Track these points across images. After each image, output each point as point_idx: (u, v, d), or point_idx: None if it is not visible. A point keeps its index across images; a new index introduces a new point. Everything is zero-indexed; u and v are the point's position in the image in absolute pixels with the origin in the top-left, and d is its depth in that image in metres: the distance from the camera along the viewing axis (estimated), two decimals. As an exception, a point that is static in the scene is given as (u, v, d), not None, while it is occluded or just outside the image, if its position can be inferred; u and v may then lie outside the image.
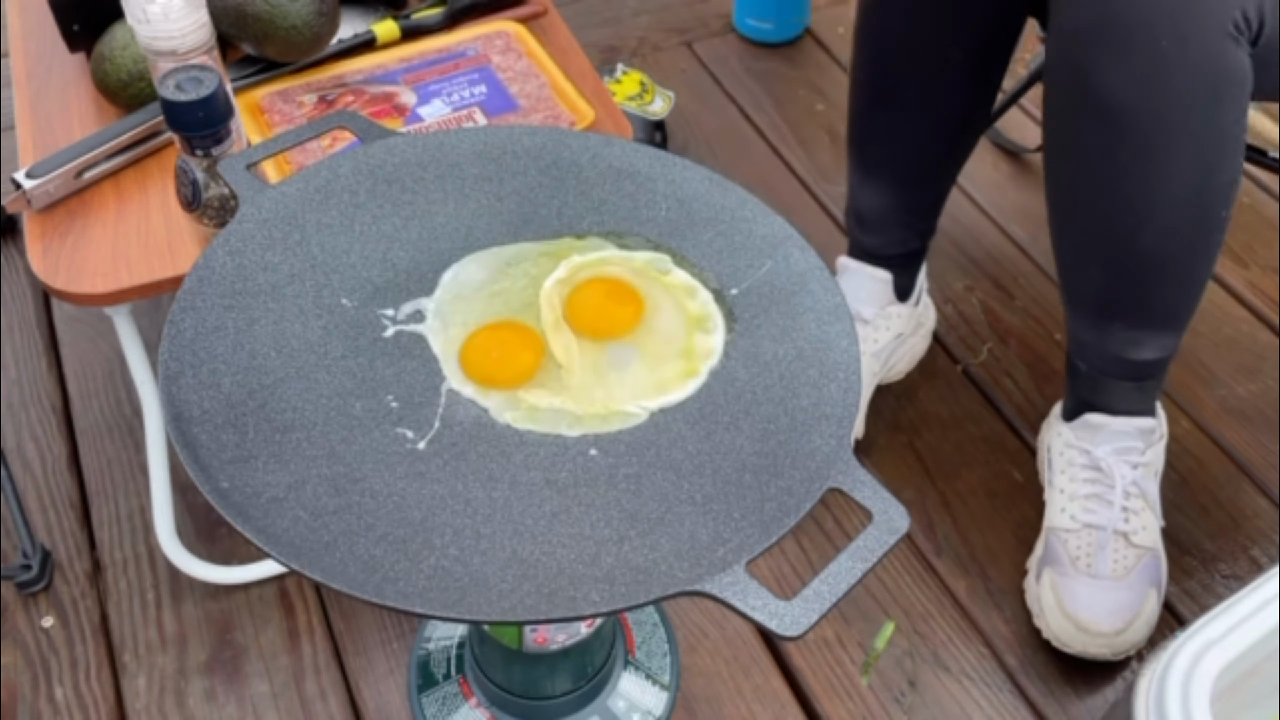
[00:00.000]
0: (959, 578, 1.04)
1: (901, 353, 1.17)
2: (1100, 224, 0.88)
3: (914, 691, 0.97)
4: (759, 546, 0.51)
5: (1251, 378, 1.20)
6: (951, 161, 1.07)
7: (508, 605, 0.51)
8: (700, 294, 0.67)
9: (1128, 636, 0.95)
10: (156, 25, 0.75)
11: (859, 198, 1.11)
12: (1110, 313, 0.94)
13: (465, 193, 0.71)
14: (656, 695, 0.92)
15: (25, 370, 1.21)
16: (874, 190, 1.08)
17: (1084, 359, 0.99)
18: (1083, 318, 0.96)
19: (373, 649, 0.98)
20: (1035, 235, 1.35)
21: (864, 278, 1.13)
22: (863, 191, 1.10)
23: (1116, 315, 0.93)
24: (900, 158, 1.06)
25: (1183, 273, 0.90)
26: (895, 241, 1.11)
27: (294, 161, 0.88)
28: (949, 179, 1.09)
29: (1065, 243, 0.93)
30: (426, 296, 0.66)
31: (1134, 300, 0.92)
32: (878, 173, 1.07)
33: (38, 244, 0.85)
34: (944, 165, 1.07)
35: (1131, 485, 0.98)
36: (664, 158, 0.72)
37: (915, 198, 1.09)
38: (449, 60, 0.99)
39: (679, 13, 1.69)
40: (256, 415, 0.58)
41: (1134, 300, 0.92)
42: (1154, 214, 0.85)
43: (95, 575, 1.04)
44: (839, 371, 0.61)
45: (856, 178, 1.10)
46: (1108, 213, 0.87)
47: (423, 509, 0.56)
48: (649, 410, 0.62)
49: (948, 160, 1.07)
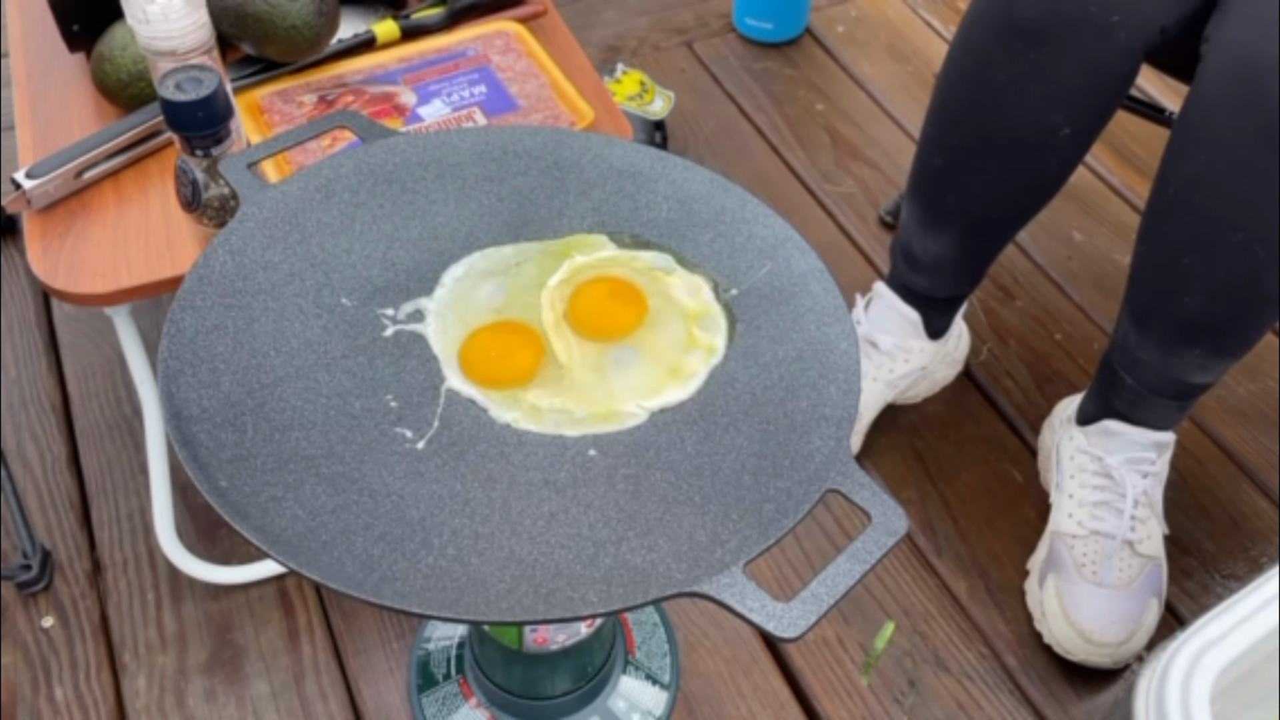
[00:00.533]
0: (959, 578, 1.04)
1: (922, 382, 1.15)
2: (1230, 257, 0.83)
3: (914, 691, 0.97)
4: (757, 548, 0.51)
5: (1251, 378, 1.20)
6: (1028, 218, 1.02)
7: (506, 605, 0.51)
8: (702, 294, 0.67)
9: (1130, 646, 0.95)
10: (156, 25, 0.75)
11: (917, 242, 1.05)
12: (1192, 340, 0.90)
13: (466, 193, 0.71)
14: (656, 695, 0.92)
15: (25, 370, 1.21)
16: (936, 240, 1.03)
17: (1134, 374, 0.95)
18: (1154, 338, 0.92)
19: (373, 649, 0.98)
20: (1035, 235, 1.35)
21: (893, 311, 1.10)
22: (922, 238, 1.04)
23: (1197, 343, 0.90)
24: (974, 214, 1.00)
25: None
26: (946, 286, 1.08)
27: (294, 161, 0.88)
28: (1017, 232, 1.04)
29: (1168, 267, 0.88)
30: (426, 296, 0.66)
31: (1225, 332, 0.89)
32: (946, 226, 1.02)
33: (38, 244, 0.85)
34: (1018, 223, 1.02)
35: (1141, 495, 0.98)
36: (664, 158, 0.72)
37: (978, 250, 1.04)
38: (449, 60, 0.99)
39: (679, 13, 1.69)
40: (256, 414, 0.58)
41: (1225, 332, 0.89)
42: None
43: (95, 575, 1.04)
44: (838, 373, 0.60)
45: (919, 225, 1.04)
46: (1245, 247, 0.82)
47: (421, 508, 0.56)
48: (648, 410, 0.62)
49: (1024, 218, 1.01)
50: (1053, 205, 1.37)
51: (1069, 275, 1.31)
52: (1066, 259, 1.33)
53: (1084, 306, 1.28)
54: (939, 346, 1.13)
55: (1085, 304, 1.28)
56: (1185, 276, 0.87)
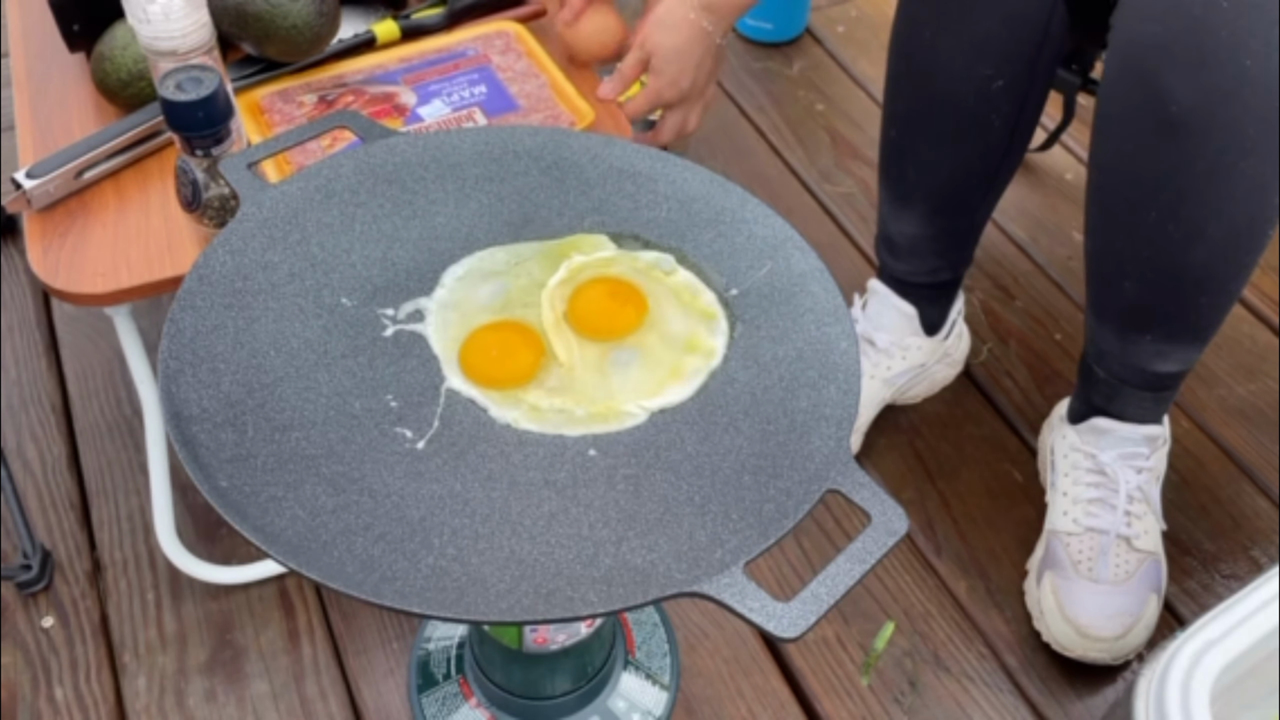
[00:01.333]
0: (959, 578, 1.04)
1: (922, 382, 1.16)
2: (1148, 238, 0.86)
3: (914, 691, 0.97)
4: (757, 548, 0.51)
5: (1251, 378, 1.20)
6: (989, 191, 1.03)
7: (506, 605, 0.51)
8: (704, 294, 0.67)
9: (1128, 641, 0.95)
10: (157, 25, 0.75)
11: (890, 225, 1.07)
12: (1141, 325, 0.92)
13: (466, 193, 0.71)
14: (656, 695, 0.92)
15: (25, 370, 1.21)
16: (906, 219, 1.05)
17: (1103, 367, 0.97)
18: (1109, 327, 0.94)
19: (373, 649, 0.98)
20: (1035, 235, 1.35)
21: (888, 307, 1.10)
22: (894, 219, 1.06)
23: (1147, 328, 0.92)
24: (935, 187, 1.02)
25: (1223, 289, 0.89)
26: (926, 270, 1.08)
27: (294, 161, 0.88)
28: (985, 209, 1.05)
29: (1104, 253, 0.91)
30: (426, 296, 0.66)
31: (1169, 314, 0.91)
32: (911, 201, 1.03)
33: (38, 244, 0.85)
34: (980, 195, 1.03)
35: (1136, 490, 0.98)
36: (665, 158, 0.72)
37: (948, 228, 1.05)
38: (449, 60, 0.99)
39: (679, 13, 1.69)
40: (256, 414, 0.58)
41: (1169, 314, 0.91)
42: (1208, 232, 0.83)
43: (95, 575, 1.04)
44: (838, 373, 0.61)
45: (888, 205, 1.06)
46: (1159, 228, 0.84)
47: (421, 508, 0.56)
48: (648, 410, 0.62)
49: (985, 190, 1.03)
50: (1053, 205, 1.36)
51: (1069, 275, 1.31)
52: (1066, 259, 1.33)
53: (1084, 306, 1.27)
54: (936, 343, 1.13)
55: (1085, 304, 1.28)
56: (1118, 262, 0.90)
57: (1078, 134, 1.47)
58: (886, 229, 1.08)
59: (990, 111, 0.95)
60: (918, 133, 0.99)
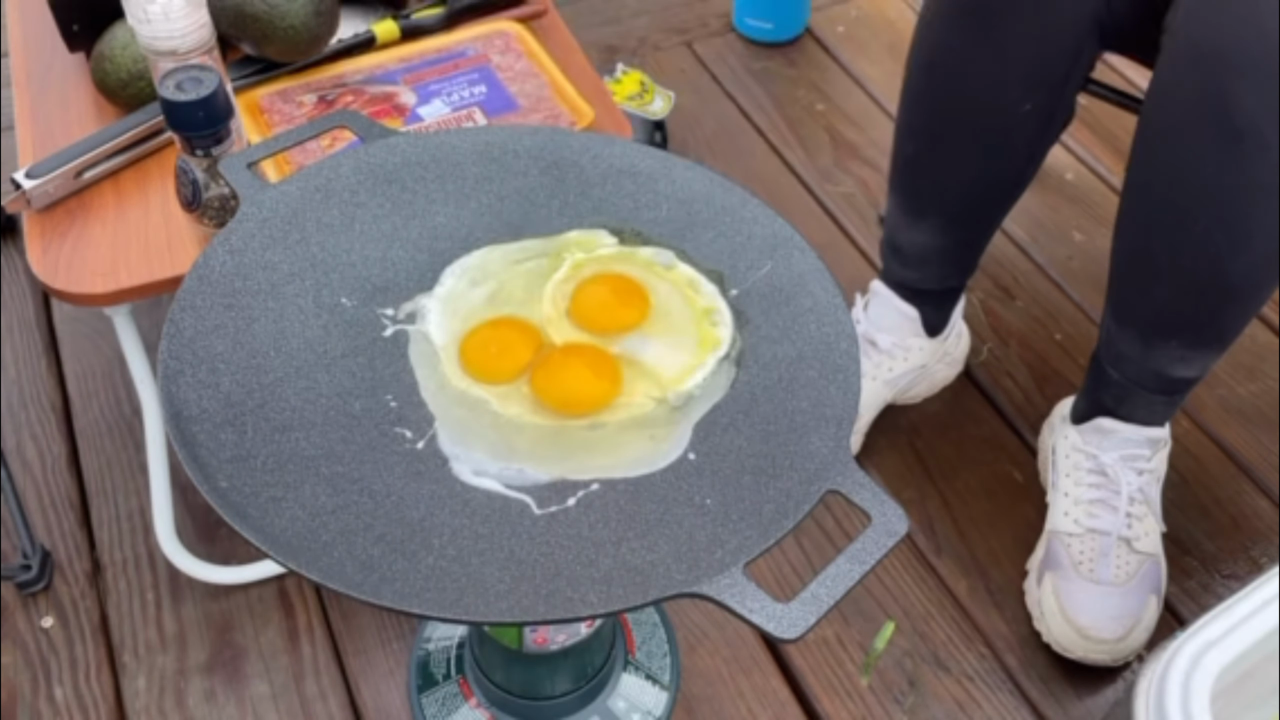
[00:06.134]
0: (959, 578, 1.04)
1: (922, 382, 1.15)
2: (1193, 246, 0.84)
3: (914, 691, 0.97)
4: (757, 548, 0.51)
5: (1251, 378, 1.20)
6: (1006, 204, 1.02)
7: (505, 606, 0.51)
8: (705, 287, 0.67)
9: (1128, 643, 0.95)
10: (157, 25, 0.75)
11: (900, 235, 1.06)
12: (1167, 331, 0.91)
13: (466, 192, 0.71)
14: (656, 695, 0.92)
15: (25, 370, 1.21)
16: (919, 230, 1.04)
17: (1120, 369, 0.96)
18: (1132, 331, 0.93)
19: (373, 649, 0.98)
20: (1035, 235, 1.35)
21: (890, 309, 1.10)
22: (905, 230, 1.05)
23: (1173, 334, 0.91)
24: (950, 202, 1.01)
25: (1254, 298, 0.88)
26: (934, 278, 1.08)
27: (294, 161, 0.88)
28: (999, 220, 1.04)
29: (1138, 257, 0.89)
30: (426, 295, 0.66)
31: (1198, 322, 0.90)
32: (925, 215, 1.02)
33: (37, 244, 0.85)
34: (997, 208, 1.02)
35: (1137, 492, 0.98)
36: (665, 158, 0.72)
37: (961, 239, 1.05)
38: (449, 60, 0.99)
39: (679, 13, 1.69)
40: (255, 414, 0.58)
41: (1198, 322, 0.90)
42: (1253, 242, 0.82)
43: (95, 575, 1.04)
44: (838, 373, 0.60)
45: (900, 216, 1.05)
46: (1207, 236, 0.83)
47: (421, 509, 0.56)
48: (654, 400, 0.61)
49: (1002, 203, 1.02)
50: (1053, 205, 1.36)
51: (1069, 275, 1.31)
52: (1066, 259, 1.33)
53: (1084, 306, 1.28)
54: (937, 344, 1.13)
55: (1085, 304, 1.28)
56: (1154, 267, 0.89)
57: (1078, 134, 1.47)
58: (895, 238, 1.07)
59: (1015, 133, 0.94)
60: (937, 149, 0.98)
